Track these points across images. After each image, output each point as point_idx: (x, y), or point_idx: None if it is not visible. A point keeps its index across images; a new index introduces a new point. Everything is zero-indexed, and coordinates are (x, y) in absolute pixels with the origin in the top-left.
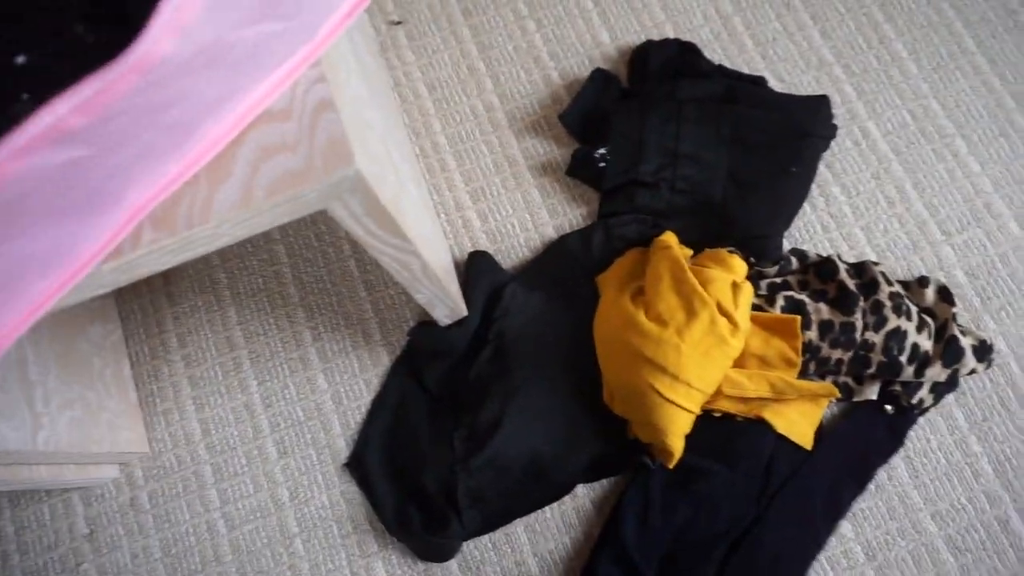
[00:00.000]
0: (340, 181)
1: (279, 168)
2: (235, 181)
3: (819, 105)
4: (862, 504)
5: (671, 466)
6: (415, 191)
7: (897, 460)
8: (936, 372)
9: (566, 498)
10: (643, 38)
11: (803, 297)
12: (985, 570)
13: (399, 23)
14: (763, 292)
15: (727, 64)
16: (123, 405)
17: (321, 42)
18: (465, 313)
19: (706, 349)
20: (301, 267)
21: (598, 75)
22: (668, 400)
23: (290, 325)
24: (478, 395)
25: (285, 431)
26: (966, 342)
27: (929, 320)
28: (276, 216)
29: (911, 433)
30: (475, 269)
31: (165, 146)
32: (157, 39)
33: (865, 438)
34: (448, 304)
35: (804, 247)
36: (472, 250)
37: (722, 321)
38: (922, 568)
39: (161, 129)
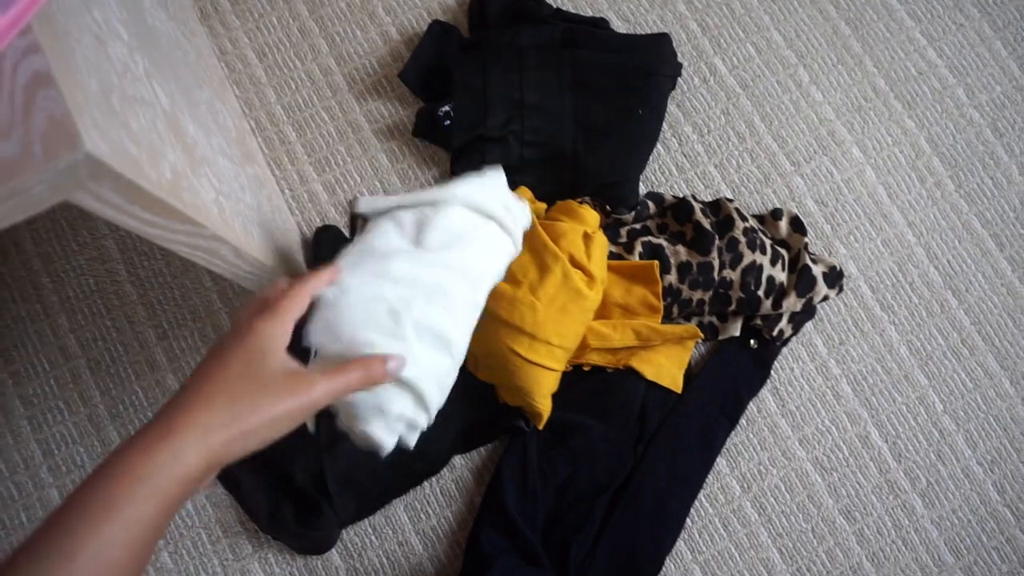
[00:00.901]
0: (70, 168)
1: None
2: None
3: (660, 43)
4: (735, 439)
5: (540, 426)
6: (231, 167)
7: (765, 392)
8: (792, 303)
9: (443, 471)
10: None
11: (661, 241)
12: (850, 485)
13: None
14: (623, 240)
15: (571, 7)
16: None
17: (28, 4)
18: None
19: (562, 304)
20: (136, 262)
21: (436, 27)
22: (529, 361)
23: (130, 326)
24: None
25: None
26: (817, 270)
27: (782, 251)
28: (2, 215)
29: (776, 364)
30: (321, 246)
31: None
32: None
33: (733, 375)
34: None
35: (660, 190)
36: (320, 225)
37: (576, 274)
38: (794, 492)
39: None
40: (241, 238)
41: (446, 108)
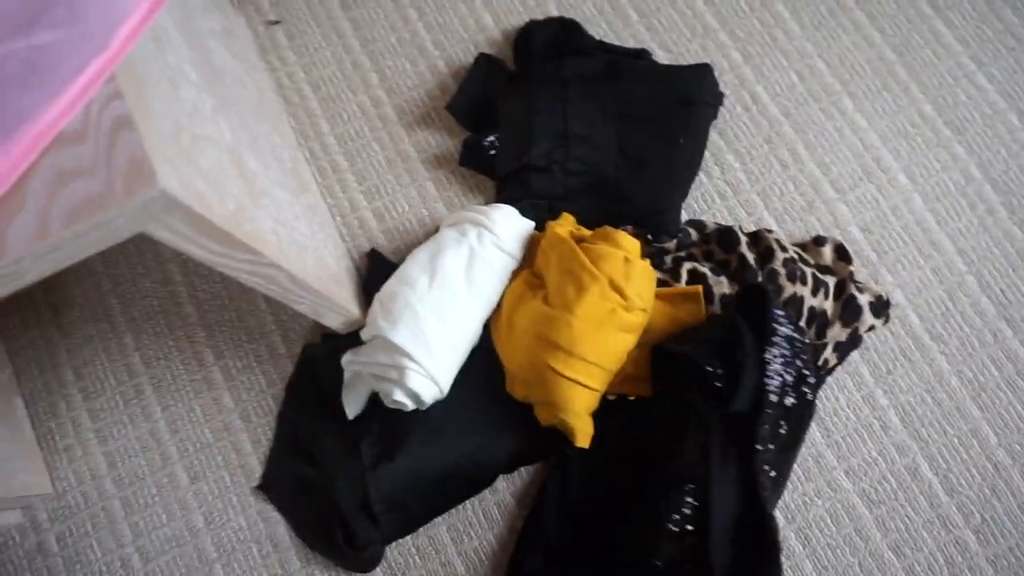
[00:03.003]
0: (147, 203)
1: (77, 195)
2: (29, 213)
3: (702, 73)
4: None
5: (577, 444)
6: (287, 197)
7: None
8: (837, 332)
9: (486, 493)
10: (526, 19)
11: (705, 270)
12: (899, 519)
13: (277, 23)
14: (668, 266)
15: (613, 38)
16: (19, 446)
17: (113, 55)
18: (360, 318)
19: (599, 322)
20: (197, 285)
21: (483, 60)
22: (565, 377)
23: (190, 346)
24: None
25: (195, 455)
26: (863, 299)
27: (826, 279)
28: (84, 246)
29: (820, 394)
30: (373, 270)
31: None
32: None
33: None
34: (338, 311)
35: (703, 217)
36: (369, 250)
37: (614, 296)
38: (840, 525)
39: None
40: (296, 265)
41: (492, 138)
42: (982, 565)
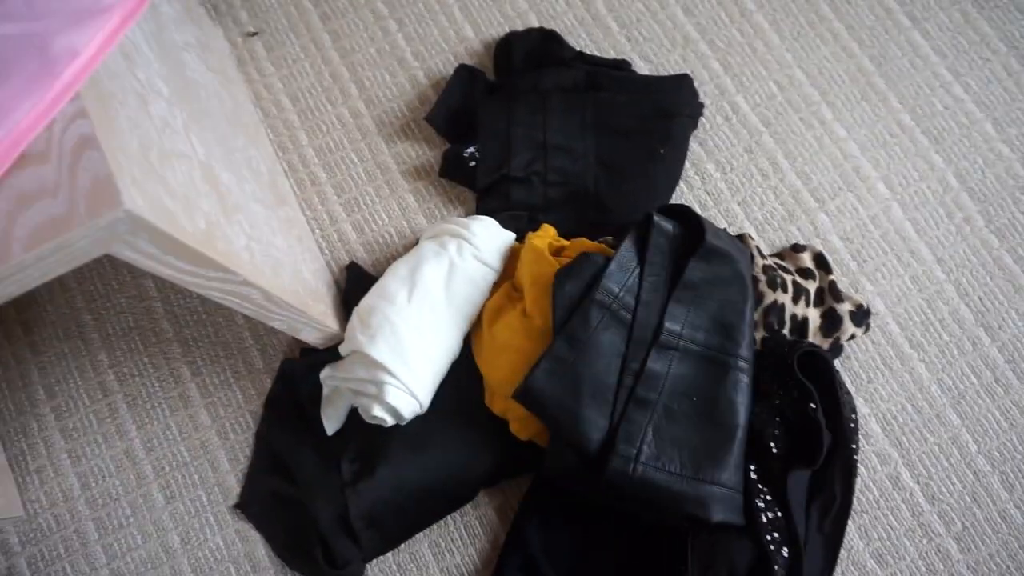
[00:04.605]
0: (111, 224)
1: (39, 216)
2: None
3: (681, 84)
4: None
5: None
6: (263, 211)
7: None
8: (818, 341)
9: (468, 507)
10: (507, 29)
11: None
12: (881, 527)
13: (255, 34)
14: None
15: (594, 49)
16: None
17: (73, 77)
18: (339, 333)
19: None
20: (172, 300)
21: (463, 71)
22: None
23: (166, 362)
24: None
25: (171, 474)
26: (843, 309)
27: (806, 286)
28: (47, 268)
29: None
30: (352, 283)
31: None
32: None
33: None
34: (316, 327)
35: None
36: (348, 263)
37: None
38: None
39: None
40: (271, 282)
41: (471, 149)
42: (963, 572)
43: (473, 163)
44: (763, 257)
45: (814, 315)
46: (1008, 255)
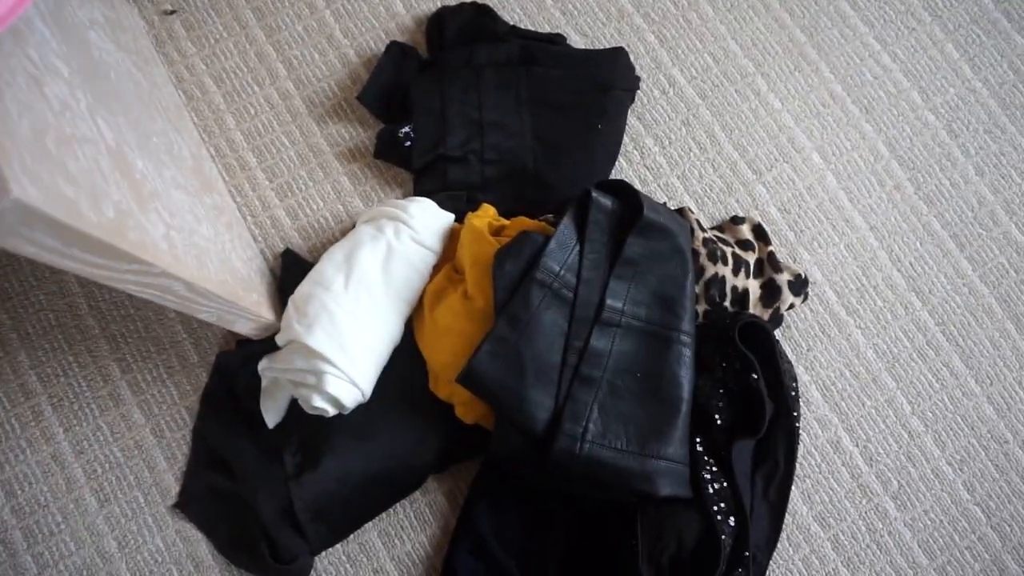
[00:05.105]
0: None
1: None
2: None
3: (617, 57)
4: None
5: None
6: (186, 199)
7: None
8: (758, 312)
9: (417, 494)
10: (438, 4)
11: None
12: (823, 491)
13: (173, 12)
14: None
15: (528, 23)
16: None
17: None
18: (274, 322)
19: None
20: (97, 295)
21: (394, 48)
22: None
23: (93, 361)
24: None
25: (103, 477)
26: (782, 279)
27: (746, 257)
28: None
29: None
30: (288, 271)
31: None
32: None
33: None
34: (249, 317)
35: None
36: (283, 250)
37: None
38: None
39: None
40: (195, 272)
41: (406, 129)
42: (900, 529)
43: (408, 143)
44: (703, 230)
45: (754, 286)
46: (936, 220)
